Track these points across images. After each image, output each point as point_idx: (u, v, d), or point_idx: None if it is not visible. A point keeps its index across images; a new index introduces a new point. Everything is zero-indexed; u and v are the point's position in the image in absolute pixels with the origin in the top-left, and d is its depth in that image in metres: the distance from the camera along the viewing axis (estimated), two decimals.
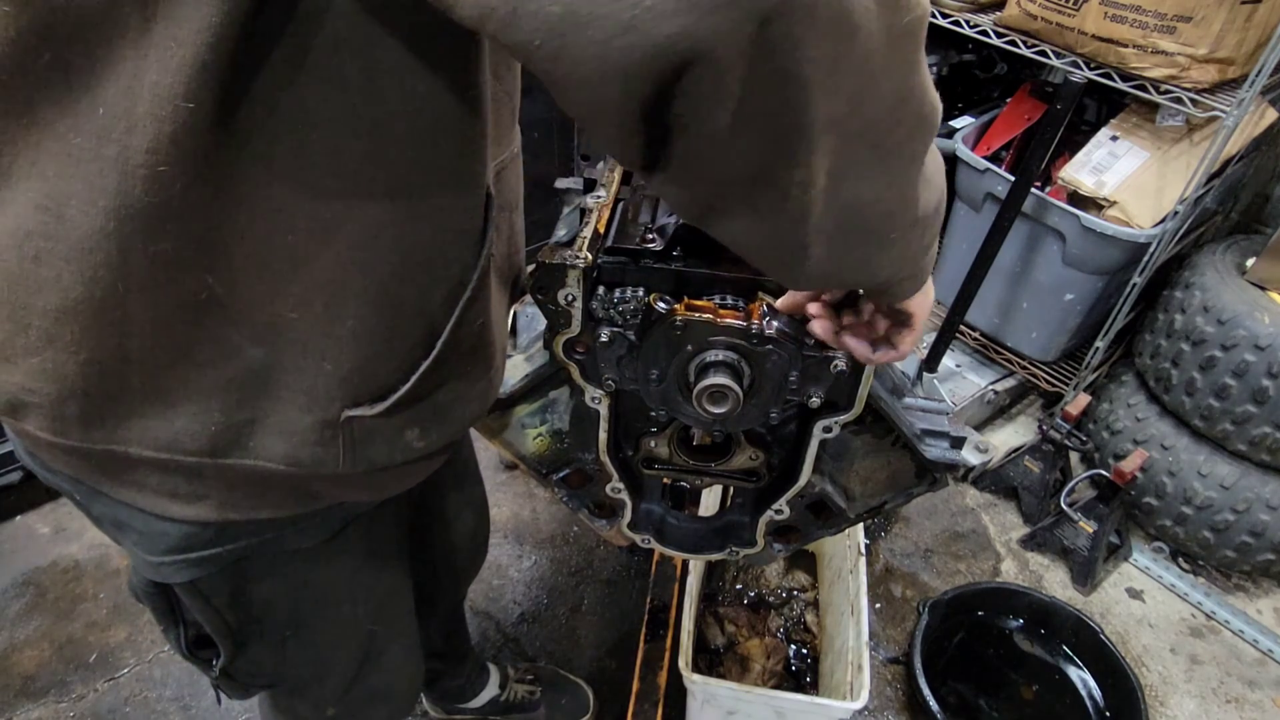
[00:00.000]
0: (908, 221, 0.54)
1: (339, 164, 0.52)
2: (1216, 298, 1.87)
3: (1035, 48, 1.95)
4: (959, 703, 1.79)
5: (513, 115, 0.73)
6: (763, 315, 0.74)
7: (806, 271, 0.53)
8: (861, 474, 0.99)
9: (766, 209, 0.46)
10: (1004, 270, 2.22)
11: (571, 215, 1.03)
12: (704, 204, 0.48)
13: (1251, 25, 1.68)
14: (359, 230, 0.55)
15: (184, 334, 0.55)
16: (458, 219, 0.61)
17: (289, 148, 0.50)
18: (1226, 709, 1.82)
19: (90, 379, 0.55)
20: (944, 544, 2.14)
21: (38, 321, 0.53)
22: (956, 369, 2.42)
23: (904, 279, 0.62)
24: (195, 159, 0.47)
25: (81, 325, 0.53)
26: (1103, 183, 2.01)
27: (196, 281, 0.53)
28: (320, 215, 0.53)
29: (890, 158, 0.49)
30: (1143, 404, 2.09)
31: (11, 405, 0.58)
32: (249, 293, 0.55)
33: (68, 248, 0.50)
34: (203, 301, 0.54)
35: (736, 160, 0.43)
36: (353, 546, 0.82)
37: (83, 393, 0.56)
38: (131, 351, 0.54)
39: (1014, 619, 1.93)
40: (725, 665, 1.75)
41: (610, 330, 0.80)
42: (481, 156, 0.60)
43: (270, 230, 0.53)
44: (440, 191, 0.58)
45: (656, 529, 1.06)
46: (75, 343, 0.53)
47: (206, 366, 0.57)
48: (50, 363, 0.54)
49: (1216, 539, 1.96)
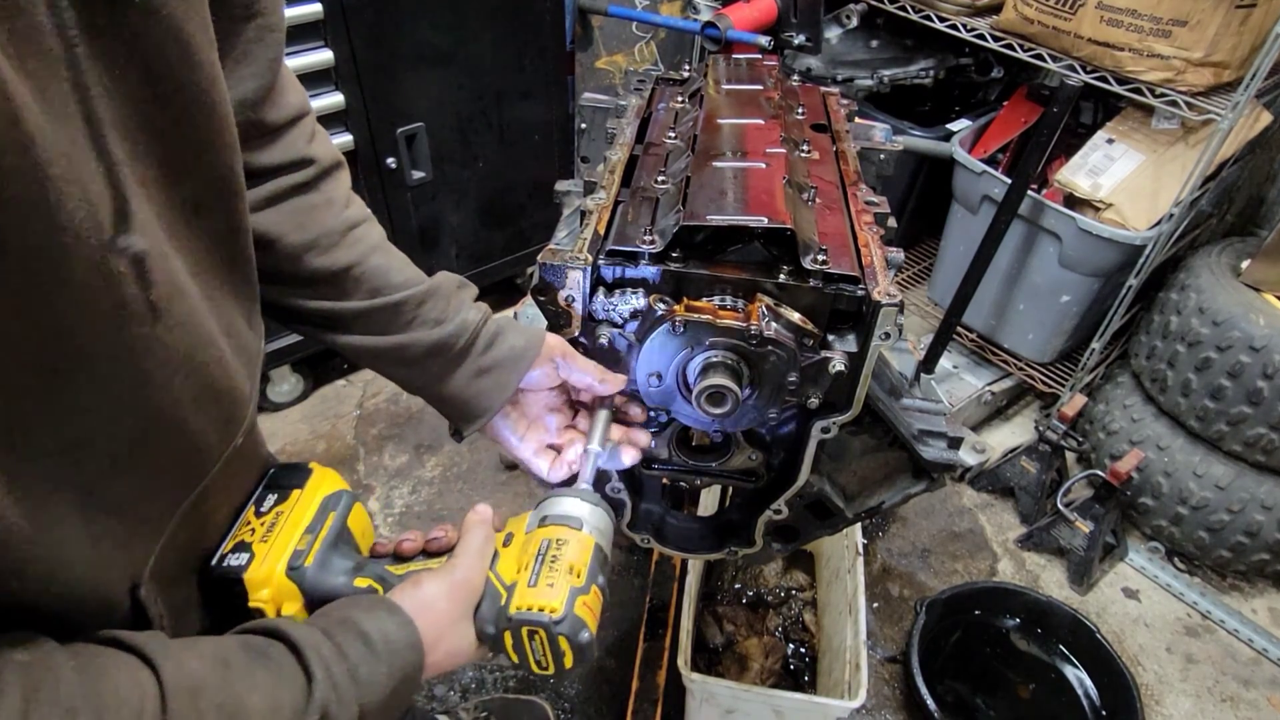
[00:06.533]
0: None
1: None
2: (1211, 299, 1.88)
3: (1032, 51, 1.96)
4: (956, 701, 1.80)
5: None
6: (762, 316, 0.75)
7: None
8: (859, 474, 1.00)
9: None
10: (1000, 272, 2.23)
11: (571, 217, 1.04)
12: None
13: (1246, 29, 1.69)
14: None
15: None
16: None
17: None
18: (1222, 708, 1.83)
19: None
20: (941, 544, 2.15)
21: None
22: (953, 370, 2.43)
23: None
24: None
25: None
26: (1099, 185, 2.02)
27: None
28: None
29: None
30: (1138, 405, 2.10)
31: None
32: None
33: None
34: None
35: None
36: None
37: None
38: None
39: (1011, 618, 1.93)
40: (724, 664, 1.76)
41: (610, 331, 0.80)
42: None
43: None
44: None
45: (656, 528, 1.07)
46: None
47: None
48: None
49: (1212, 539, 1.97)
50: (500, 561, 0.71)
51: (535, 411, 0.86)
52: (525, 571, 0.68)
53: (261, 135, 0.68)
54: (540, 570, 0.68)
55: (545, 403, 0.86)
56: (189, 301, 0.52)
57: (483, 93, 2.18)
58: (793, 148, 0.95)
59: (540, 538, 0.70)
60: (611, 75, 2.81)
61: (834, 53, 2.38)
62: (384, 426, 2.34)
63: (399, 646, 0.60)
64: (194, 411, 0.54)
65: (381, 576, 0.70)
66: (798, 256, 0.75)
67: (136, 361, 0.48)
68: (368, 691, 0.57)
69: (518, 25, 2.15)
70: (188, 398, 0.53)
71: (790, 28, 2.21)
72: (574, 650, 0.66)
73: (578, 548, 0.69)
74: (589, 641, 0.66)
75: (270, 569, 0.65)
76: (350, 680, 0.56)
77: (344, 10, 1.80)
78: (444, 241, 2.36)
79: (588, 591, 0.67)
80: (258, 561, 0.65)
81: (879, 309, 0.73)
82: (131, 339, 0.47)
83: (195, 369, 0.53)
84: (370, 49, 1.89)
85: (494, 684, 1.77)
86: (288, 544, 0.67)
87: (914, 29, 2.24)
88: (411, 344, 0.77)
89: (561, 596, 0.65)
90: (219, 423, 0.58)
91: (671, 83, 1.24)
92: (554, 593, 0.66)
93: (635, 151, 1.00)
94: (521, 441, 0.85)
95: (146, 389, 0.49)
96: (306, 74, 1.83)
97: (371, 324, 0.77)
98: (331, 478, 0.74)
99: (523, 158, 2.39)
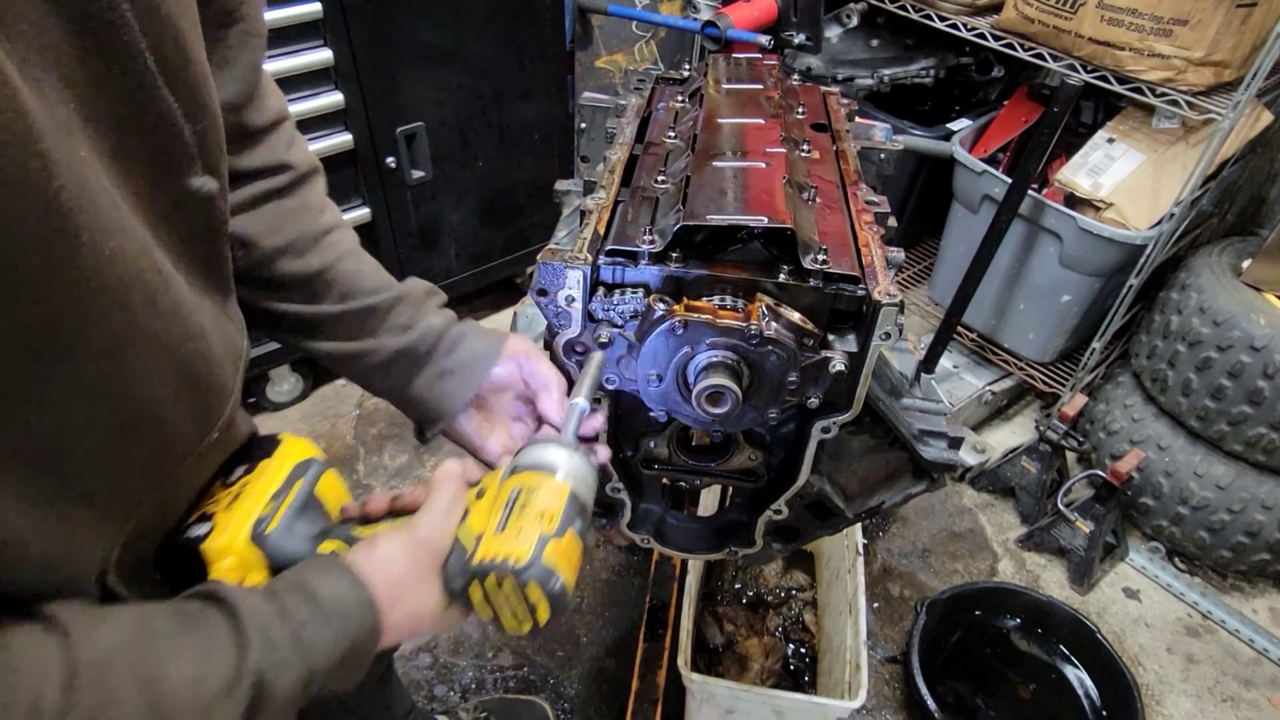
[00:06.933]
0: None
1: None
2: (1212, 299, 1.87)
3: (1032, 50, 1.96)
4: (956, 702, 1.80)
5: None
6: (762, 316, 0.75)
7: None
8: (860, 474, 1.00)
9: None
10: (1001, 271, 2.23)
11: (571, 217, 1.04)
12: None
13: (1247, 28, 1.69)
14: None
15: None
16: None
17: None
18: (1222, 708, 1.83)
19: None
20: (941, 544, 2.15)
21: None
22: (954, 370, 2.42)
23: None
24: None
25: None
26: (1099, 184, 2.02)
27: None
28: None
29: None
30: (1139, 404, 2.10)
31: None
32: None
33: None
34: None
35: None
36: None
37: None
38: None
39: (1011, 618, 1.93)
40: (724, 664, 1.75)
41: (610, 331, 0.80)
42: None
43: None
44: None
45: (656, 528, 1.07)
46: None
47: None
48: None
49: (1212, 539, 1.97)
50: (471, 515, 0.67)
51: (500, 416, 0.86)
52: (493, 520, 0.65)
53: (243, 139, 0.69)
54: (509, 517, 0.64)
55: (511, 410, 0.86)
56: (175, 294, 0.52)
57: (482, 92, 2.18)
58: (793, 147, 0.95)
59: (511, 486, 0.67)
60: (611, 74, 2.81)
61: (834, 52, 2.38)
62: (384, 426, 2.34)
63: (350, 608, 0.58)
64: (173, 404, 0.54)
65: (348, 538, 0.68)
66: (798, 256, 0.75)
67: (120, 350, 0.47)
68: (315, 654, 0.55)
69: (518, 24, 2.15)
70: (168, 390, 0.53)
71: (790, 27, 2.21)
72: (547, 599, 0.62)
73: (550, 494, 0.65)
74: (561, 589, 0.62)
75: (232, 537, 0.63)
76: (293, 642, 0.54)
77: (343, 9, 1.80)
78: (444, 241, 2.36)
79: (560, 536, 0.63)
80: (218, 530, 0.63)
81: (879, 309, 0.73)
82: (117, 326, 0.46)
83: (179, 360, 0.53)
84: (370, 48, 1.89)
85: (494, 684, 1.77)
86: (251, 511, 0.64)
87: (914, 28, 2.24)
88: (379, 349, 0.78)
89: (530, 542, 0.61)
90: (197, 416, 0.58)
91: (671, 82, 1.23)
92: (521, 539, 0.62)
93: (635, 151, 0.99)
94: (486, 444, 0.85)
95: (128, 379, 0.49)
96: (306, 73, 1.82)
97: (342, 329, 0.77)
98: (301, 446, 0.72)
99: (522, 157, 2.39)
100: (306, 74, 1.83)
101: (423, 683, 1.76)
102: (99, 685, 0.45)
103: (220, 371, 0.59)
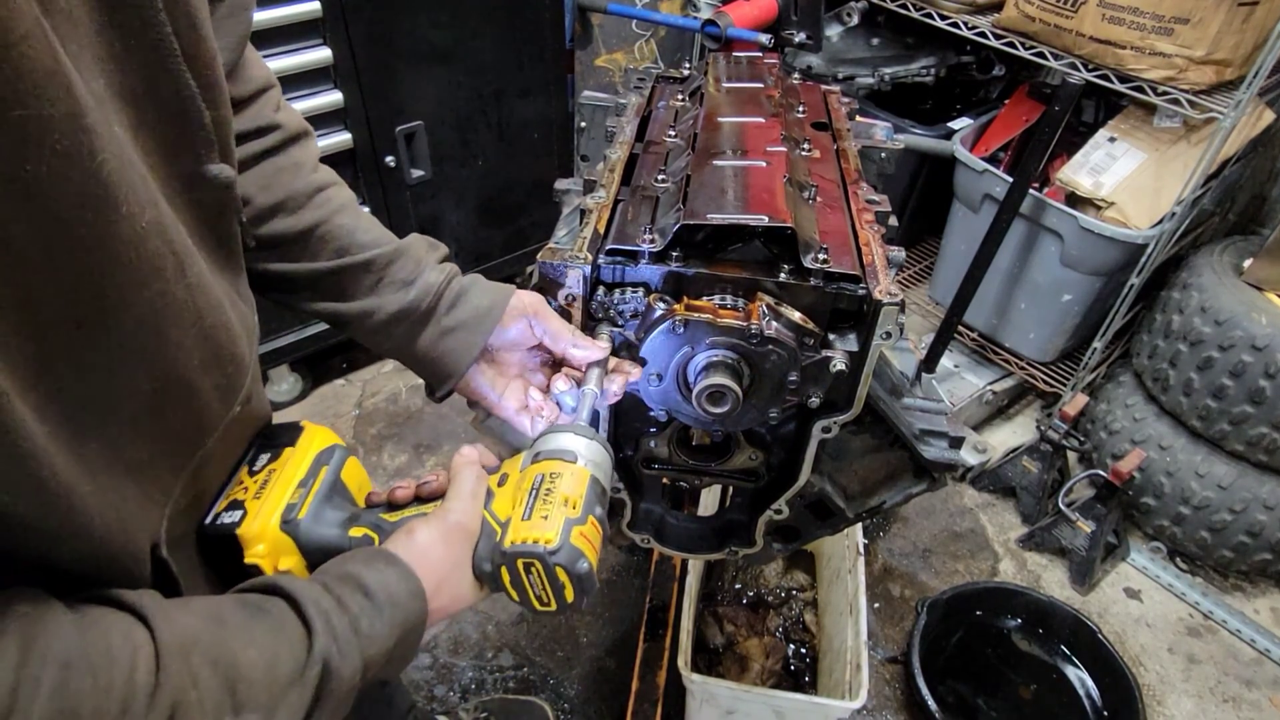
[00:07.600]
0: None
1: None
2: (1214, 298, 1.87)
3: (1033, 49, 1.96)
4: (957, 702, 1.79)
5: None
6: (762, 315, 0.75)
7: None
8: (860, 474, 0.99)
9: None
10: (1002, 271, 2.22)
11: (571, 216, 1.03)
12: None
13: (1249, 27, 1.68)
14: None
15: None
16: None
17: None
18: (1224, 708, 1.83)
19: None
20: (942, 544, 2.14)
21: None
22: (955, 369, 2.42)
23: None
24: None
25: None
26: (1100, 183, 2.01)
27: None
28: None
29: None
30: (1140, 404, 2.10)
31: None
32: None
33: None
34: None
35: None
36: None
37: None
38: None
39: (1012, 619, 1.93)
40: (724, 664, 1.75)
41: (610, 330, 0.80)
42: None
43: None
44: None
45: (656, 528, 1.07)
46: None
47: None
48: None
49: (1214, 539, 1.97)
50: (496, 500, 0.70)
51: (514, 370, 0.86)
52: (520, 506, 0.67)
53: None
54: (534, 504, 0.67)
55: (525, 362, 0.86)
56: (198, 265, 0.53)
57: (482, 91, 2.18)
58: (793, 146, 0.94)
59: (534, 473, 0.69)
60: (611, 73, 2.80)
61: (835, 50, 2.38)
62: (383, 426, 2.34)
63: (401, 597, 0.60)
64: (201, 374, 0.55)
65: (377, 524, 0.70)
66: (798, 255, 0.74)
67: (155, 319, 0.48)
68: (370, 644, 0.57)
69: (517, 23, 2.15)
70: (196, 360, 0.54)
71: (791, 25, 2.20)
72: (573, 581, 0.65)
73: (573, 480, 0.68)
74: (587, 571, 0.65)
75: (264, 524, 0.65)
76: (352, 632, 0.56)
77: (343, 8, 1.79)
78: (443, 240, 2.31)
79: (584, 522, 0.66)
80: (250, 517, 0.65)
81: (880, 308, 0.73)
82: (153, 296, 0.48)
83: (205, 331, 0.54)
84: (369, 47, 1.89)
85: (494, 684, 1.76)
86: (280, 499, 0.67)
87: (915, 27, 2.24)
88: (380, 308, 0.77)
89: (556, 527, 0.64)
90: (222, 388, 0.59)
91: (671, 81, 1.23)
92: (548, 524, 0.65)
93: (635, 150, 0.99)
94: (501, 399, 0.84)
95: (163, 348, 0.50)
96: (305, 72, 1.82)
97: (341, 286, 0.77)
98: (324, 434, 0.74)
99: (522, 156, 2.38)
100: (305, 73, 1.82)
101: (423, 683, 1.76)
102: (182, 667, 0.47)
103: (240, 344, 0.60)
